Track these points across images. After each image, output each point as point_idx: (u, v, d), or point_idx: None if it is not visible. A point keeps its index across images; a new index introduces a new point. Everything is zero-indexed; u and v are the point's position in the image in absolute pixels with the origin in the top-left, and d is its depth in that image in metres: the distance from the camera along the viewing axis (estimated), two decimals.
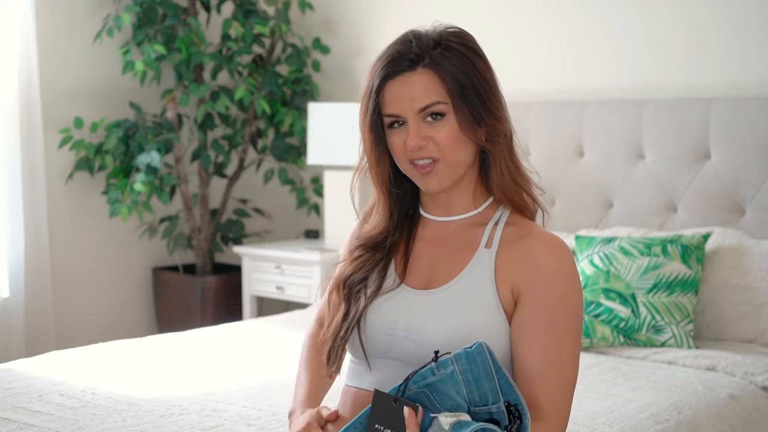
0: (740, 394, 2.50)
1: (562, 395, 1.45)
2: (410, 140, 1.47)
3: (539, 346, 1.44)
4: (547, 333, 1.44)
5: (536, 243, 1.50)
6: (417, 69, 1.48)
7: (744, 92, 3.28)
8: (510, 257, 1.49)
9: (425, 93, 1.47)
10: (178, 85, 4.21)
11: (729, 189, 3.20)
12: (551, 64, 3.75)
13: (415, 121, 1.47)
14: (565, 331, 1.46)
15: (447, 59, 1.47)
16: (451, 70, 1.47)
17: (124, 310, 4.36)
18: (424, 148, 1.47)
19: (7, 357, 3.55)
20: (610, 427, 2.16)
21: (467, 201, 1.56)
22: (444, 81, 1.47)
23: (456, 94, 1.47)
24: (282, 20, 4.24)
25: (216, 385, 2.45)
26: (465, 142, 1.49)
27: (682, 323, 2.85)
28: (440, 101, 1.47)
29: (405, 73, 1.48)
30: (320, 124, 3.93)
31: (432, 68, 1.47)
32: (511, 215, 1.55)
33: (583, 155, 3.54)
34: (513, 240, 1.51)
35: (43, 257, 3.88)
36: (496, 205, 1.57)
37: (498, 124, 1.50)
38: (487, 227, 1.54)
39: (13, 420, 2.15)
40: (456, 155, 1.48)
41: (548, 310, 1.45)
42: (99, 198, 4.20)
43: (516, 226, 1.53)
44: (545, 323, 1.45)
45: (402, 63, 1.49)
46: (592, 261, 3.01)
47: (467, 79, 1.47)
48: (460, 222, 1.56)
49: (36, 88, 3.81)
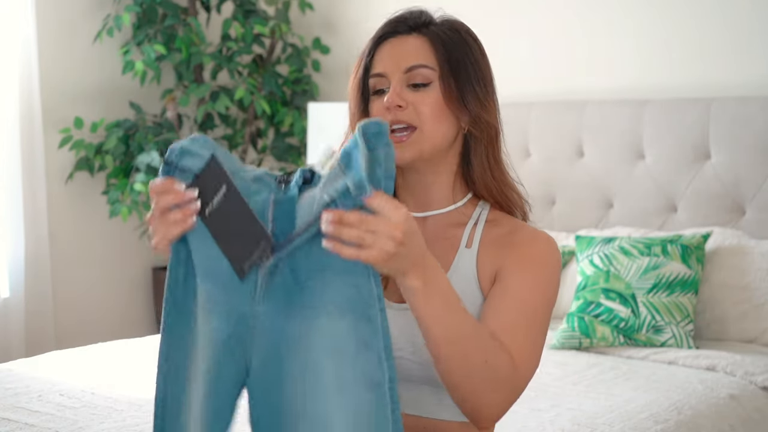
0: (740, 394, 2.50)
1: (529, 347, 1.37)
2: (389, 97, 1.43)
3: (510, 303, 1.38)
4: (519, 292, 1.39)
5: (521, 234, 1.45)
6: (412, 34, 1.47)
7: (744, 92, 3.28)
8: (492, 252, 1.44)
9: (414, 54, 1.45)
10: (178, 85, 4.21)
11: (729, 189, 3.19)
12: (551, 65, 3.75)
13: (398, 82, 1.44)
14: (538, 295, 1.40)
15: (445, 34, 1.46)
16: (447, 42, 1.45)
17: (124, 310, 4.36)
18: (403, 110, 1.42)
19: (7, 357, 3.55)
20: (610, 427, 2.16)
21: (446, 194, 1.49)
22: (436, 50, 1.44)
23: (445, 65, 1.44)
24: (282, 20, 4.24)
25: None
26: (446, 117, 1.44)
27: (682, 323, 2.85)
28: (428, 65, 1.44)
29: (399, 36, 1.47)
30: (320, 124, 3.93)
31: (428, 36, 1.46)
32: (491, 212, 1.50)
33: (583, 155, 3.53)
34: (495, 237, 1.46)
35: (43, 257, 3.88)
36: (475, 201, 1.51)
37: (484, 113, 1.45)
38: (467, 227, 1.48)
39: (13, 420, 2.15)
40: (434, 127, 1.43)
41: (522, 276, 1.40)
42: (99, 198, 4.20)
43: (497, 225, 1.48)
44: (518, 285, 1.40)
45: (399, 26, 1.48)
46: (592, 261, 3.01)
47: (460, 56, 1.45)
48: (439, 221, 1.50)
49: (36, 89, 3.81)
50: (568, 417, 2.21)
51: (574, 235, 3.23)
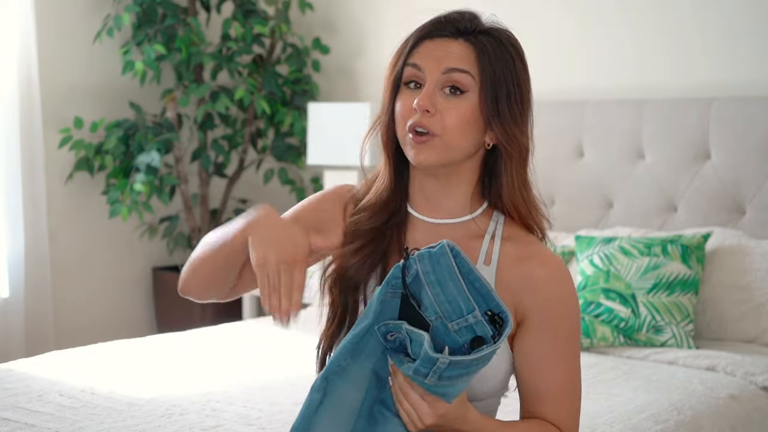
0: (740, 394, 2.50)
1: (574, 412, 1.46)
2: (421, 99, 1.39)
3: (550, 372, 1.42)
4: (556, 358, 1.43)
5: (539, 267, 1.44)
6: (459, 39, 1.43)
7: (744, 92, 3.28)
8: (512, 280, 1.44)
9: (457, 58, 1.41)
10: (178, 85, 4.21)
11: (729, 189, 3.19)
12: (551, 64, 3.75)
13: (433, 83, 1.41)
14: (571, 353, 1.45)
15: (491, 46, 1.43)
16: (492, 56, 1.42)
17: (124, 310, 4.36)
18: (431, 115, 1.40)
19: (7, 357, 3.54)
20: (610, 427, 2.16)
21: (462, 204, 1.47)
22: (480, 60, 1.41)
23: (486, 78, 1.41)
24: (282, 20, 4.24)
25: (216, 385, 2.45)
26: (471, 131, 1.41)
27: (682, 323, 2.85)
28: (469, 72, 1.41)
29: (445, 38, 1.44)
30: (320, 124, 3.93)
31: (473, 45, 1.43)
32: (506, 227, 1.48)
33: (583, 155, 3.53)
34: (514, 260, 1.45)
35: (43, 257, 3.88)
36: (489, 212, 1.49)
37: (518, 132, 1.43)
38: (484, 241, 1.46)
39: (13, 420, 2.15)
40: (457, 139, 1.41)
41: (555, 335, 1.43)
42: (99, 198, 4.20)
43: (515, 242, 1.46)
44: (553, 349, 1.42)
45: (447, 28, 1.44)
46: (592, 261, 3.01)
47: (503, 72, 1.42)
48: (454, 230, 1.48)
49: (36, 88, 3.81)
50: None
51: (574, 235, 3.23)
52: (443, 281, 1.28)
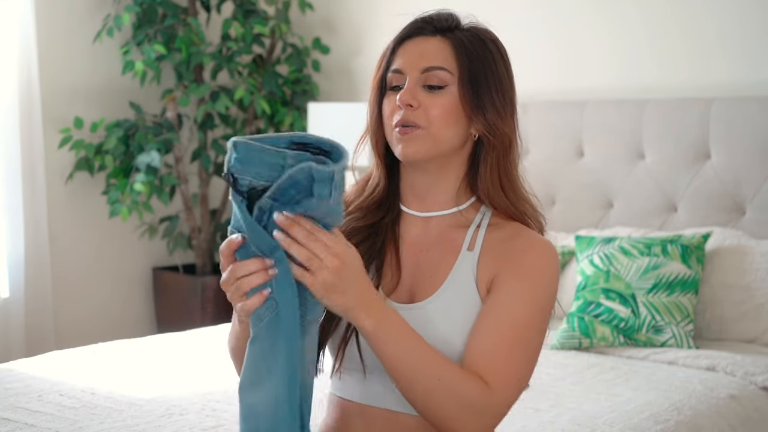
0: (740, 394, 2.50)
1: (512, 375, 1.37)
2: (402, 94, 1.43)
3: (498, 327, 1.38)
4: (509, 317, 1.38)
5: (523, 242, 1.44)
6: (436, 36, 1.46)
7: (744, 92, 3.28)
8: (493, 258, 1.44)
9: (434, 56, 1.44)
10: (178, 85, 4.21)
11: (729, 189, 3.20)
12: (551, 64, 3.75)
13: (414, 81, 1.44)
14: (529, 322, 1.39)
15: (470, 42, 1.46)
16: (469, 48, 1.45)
17: (124, 310, 4.36)
18: (414, 110, 1.43)
19: (7, 357, 3.55)
20: (610, 427, 2.16)
21: (449, 197, 1.49)
22: (457, 54, 1.44)
23: (465, 70, 1.44)
24: (282, 20, 4.24)
25: (216, 385, 2.45)
26: (455, 122, 1.44)
27: (682, 323, 2.85)
28: (446, 68, 1.44)
29: (423, 36, 1.47)
30: (320, 124, 3.93)
31: (451, 40, 1.46)
32: (493, 216, 1.49)
33: (583, 155, 3.54)
34: (500, 242, 1.46)
35: (43, 257, 3.88)
36: (478, 205, 1.51)
37: (500, 122, 1.44)
38: (469, 230, 1.48)
39: (13, 420, 2.15)
40: (442, 130, 1.43)
41: (515, 296, 1.39)
42: (99, 198, 4.20)
43: (501, 228, 1.47)
44: (508, 308, 1.39)
45: (425, 27, 1.48)
46: (592, 261, 3.01)
47: (481, 63, 1.44)
48: (441, 222, 1.50)
49: (36, 88, 3.81)
50: (568, 417, 2.22)
51: (574, 235, 3.23)
52: (252, 161, 1.29)
